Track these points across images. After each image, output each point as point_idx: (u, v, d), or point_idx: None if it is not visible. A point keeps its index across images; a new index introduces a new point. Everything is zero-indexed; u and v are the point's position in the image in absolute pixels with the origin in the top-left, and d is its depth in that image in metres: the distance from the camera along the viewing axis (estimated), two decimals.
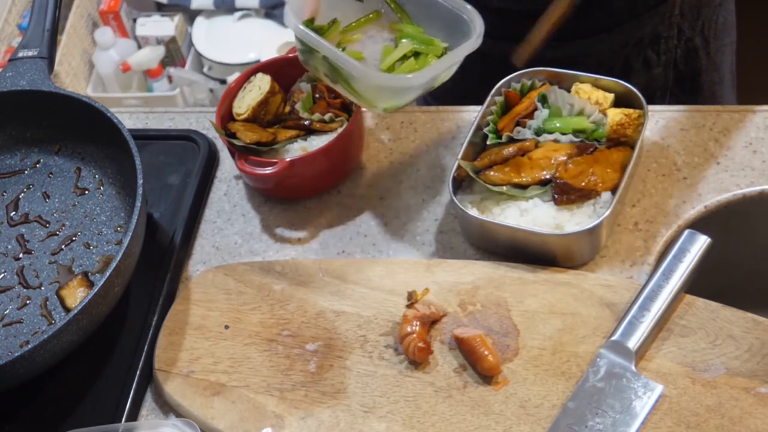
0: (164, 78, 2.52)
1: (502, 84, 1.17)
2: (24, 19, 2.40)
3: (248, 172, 1.15)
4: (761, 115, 1.21)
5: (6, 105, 1.21)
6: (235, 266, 1.15)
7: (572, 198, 1.08)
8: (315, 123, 1.18)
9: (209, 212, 1.24)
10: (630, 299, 1.03)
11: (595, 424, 0.96)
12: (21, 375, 1.02)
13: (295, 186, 1.19)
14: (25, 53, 1.22)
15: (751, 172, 1.16)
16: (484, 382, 1.01)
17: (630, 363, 0.99)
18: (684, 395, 0.97)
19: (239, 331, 1.09)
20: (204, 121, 1.34)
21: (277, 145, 1.17)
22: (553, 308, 1.05)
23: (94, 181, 1.22)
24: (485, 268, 1.10)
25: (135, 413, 1.06)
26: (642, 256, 1.11)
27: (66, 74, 2.33)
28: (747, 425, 0.94)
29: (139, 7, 2.61)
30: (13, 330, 1.11)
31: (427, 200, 1.20)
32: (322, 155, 1.15)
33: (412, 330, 1.03)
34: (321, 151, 1.15)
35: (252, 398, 1.03)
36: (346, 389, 1.03)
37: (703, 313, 1.02)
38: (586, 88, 1.15)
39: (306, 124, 1.18)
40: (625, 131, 1.11)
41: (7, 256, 1.17)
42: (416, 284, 1.09)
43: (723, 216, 1.15)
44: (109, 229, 1.17)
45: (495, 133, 1.15)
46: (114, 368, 1.09)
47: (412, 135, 1.27)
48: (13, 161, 1.25)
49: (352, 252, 1.17)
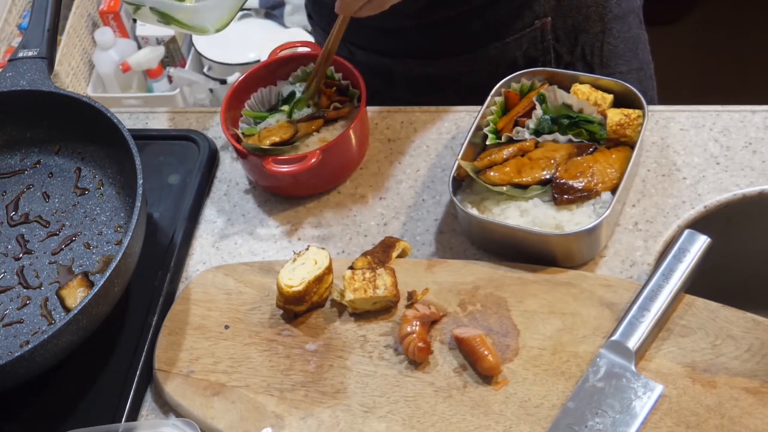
0: (164, 78, 2.52)
1: (502, 84, 1.17)
2: (24, 19, 2.40)
3: (277, 171, 1.15)
4: (761, 115, 1.21)
5: (6, 105, 1.21)
6: (235, 266, 1.15)
7: (572, 198, 1.08)
8: (329, 112, 1.21)
9: (209, 212, 1.24)
10: (630, 299, 1.03)
11: (595, 424, 0.96)
12: (21, 375, 1.02)
13: (315, 179, 1.20)
14: (25, 53, 1.23)
15: (751, 172, 1.16)
16: (484, 382, 1.01)
17: (630, 363, 0.99)
18: (684, 395, 0.97)
19: (239, 331, 1.09)
20: (204, 121, 1.34)
21: (297, 142, 1.19)
22: (553, 308, 1.05)
23: (94, 181, 1.22)
24: (485, 268, 1.10)
25: (135, 413, 1.06)
26: (642, 256, 1.11)
27: (66, 74, 2.33)
28: (747, 425, 0.94)
29: None
30: (14, 330, 1.11)
31: (427, 200, 1.20)
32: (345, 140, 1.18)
33: (412, 330, 1.03)
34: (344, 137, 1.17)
35: (252, 398, 1.03)
36: (346, 389, 1.03)
37: (703, 313, 1.02)
38: (585, 89, 1.15)
39: (321, 115, 1.21)
40: (625, 131, 1.11)
41: (8, 256, 1.17)
42: (416, 284, 1.09)
43: (723, 216, 1.15)
44: (109, 229, 1.17)
45: (495, 133, 1.15)
46: (114, 368, 1.09)
47: (412, 135, 1.27)
48: (13, 161, 1.25)
49: (352, 252, 1.17)
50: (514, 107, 1.17)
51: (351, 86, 1.23)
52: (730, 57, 2.70)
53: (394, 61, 1.37)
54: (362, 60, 1.37)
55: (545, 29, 1.30)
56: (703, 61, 2.66)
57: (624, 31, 1.36)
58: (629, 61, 1.39)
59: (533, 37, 1.31)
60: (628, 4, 1.35)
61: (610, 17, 1.33)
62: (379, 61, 1.37)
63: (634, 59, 1.40)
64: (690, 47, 2.66)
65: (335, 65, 1.23)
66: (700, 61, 2.66)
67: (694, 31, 2.72)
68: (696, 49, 2.69)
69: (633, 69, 1.40)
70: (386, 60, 1.37)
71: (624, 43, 1.37)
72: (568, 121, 1.14)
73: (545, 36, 1.31)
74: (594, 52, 1.35)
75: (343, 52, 1.39)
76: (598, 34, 1.34)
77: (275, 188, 1.24)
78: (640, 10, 1.40)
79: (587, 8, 1.31)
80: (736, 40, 2.74)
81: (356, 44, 1.37)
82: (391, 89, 1.37)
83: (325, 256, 1.08)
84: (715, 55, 2.71)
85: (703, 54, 2.68)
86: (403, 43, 1.34)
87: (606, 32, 1.34)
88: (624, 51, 1.38)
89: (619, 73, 1.37)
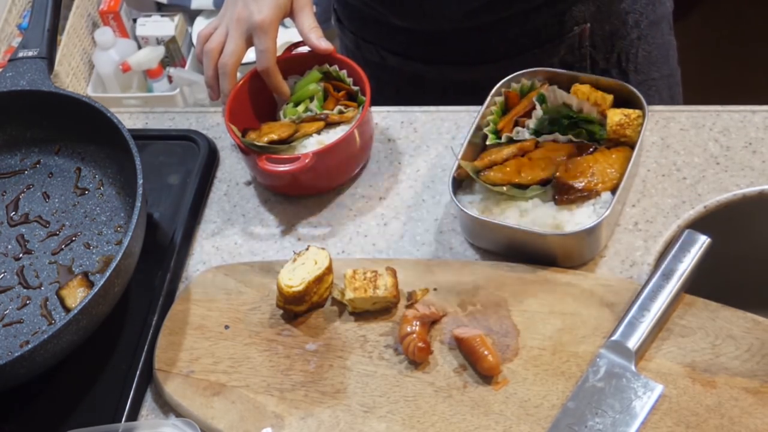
0: (164, 78, 2.52)
1: (502, 84, 1.17)
2: (24, 19, 2.40)
3: (269, 170, 1.15)
4: (761, 115, 1.21)
5: (6, 105, 1.21)
6: (235, 266, 1.15)
7: (572, 198, 1.08)
8: (332, 115, 1.20)
9: (209, 212, 1.24)
10: (630, 299, 1.03)
11: (594, 424, 0.96)
12: (21, 375, 1.02)
13: (314, 179, 1.20)
14: (25, 53, 1.23)
15: (751, 172, 1.16)
16: (484, 382, 1.01)
17: (630, 363, 0.99)
18: (684, 395, 0.97)
19: (239, 331, 1.09)
20: (204, 121, 1.34)
21: (295, 142, 1.18)
22: (553, 308, 1.05)
23: (94, 181, 1.22)
24: (485, 268, 1.10)
25: (135, 413, 1.06)
26: (642, 256, 1.11)
27: (66, 74, 2.33)
28: (747, 425, 0.94)
29: (139, 7, 2.61)
30: (13, 330, 1.11)
31: (427, 200, 1.20)
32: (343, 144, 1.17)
33: (412, 330, 1.03)
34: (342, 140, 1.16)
35: (252, 398, 1.03)
36: (346, 389, 1.03)
37: (703, 313, 1.02)
38: (585, 89, 1.15)
39: (323, 117, 1.20)
40: (625, 131, 1.11)
41: (7, 256, 1.17)
42: (416, 284, 1.09)
43: (723, 216, 1.15)
44: (109, 229, 1.17)
45: (495, 134, 1.15)
46: (114, 368, 1.09)
47: (412, 135, 1.27)
48: (13, 161, 1.25)
49: (352, 252, 1.17)
50: (514, 107, 1.17)
51: (360, 93, 1.22)
52: (730, 57, 2.70)
53: (429, 67, 1.37)
54: (394, 65, 1.36)
55: (584, 35, 1.31)
56: (703, 61, 2.67)
57: (658, 37, 1.37)
58: (661, 67, 1.40)
59: (571, 44, 1.31)
60: (662, 10, 1.37)
61: (646, 23, 1.34)
62: (412, 68, 1.37)
63: (665, 66, 1.41)
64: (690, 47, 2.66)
65: (347, 69, 1.23)
66: (700, 61, 2.66)
67: (694, 31, 2.72)
68: (696, 49, 2.69)
69: (664, 75, 1.41)
70: (420, 66, 1.37)
71: (657, 50, 1.38)
72: (568, 121, 1.14)
73: (583, 42, 1.31)
74: (629, 59, 1.35)
75: (374, 57, 1.40)
76: (634, 40, 1.34)
77: (275, 187, 1.24)
78: (671, 16, 1.40)
79: (625, 14, 1.32)
80: (736, 40, 2.75)
81: (390, 50, 1.37)
82: (420, 95, 1.36)
83: (325, 256, 1.09)
84: (715, 55, 2.71)
85: (703, 54, 2.69)
86: (440, 48, 1.33)
87: (642, 38, 1.35)
88: (657, 57, 1.39)
89: (652, 79, 1.38)
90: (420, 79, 1.38)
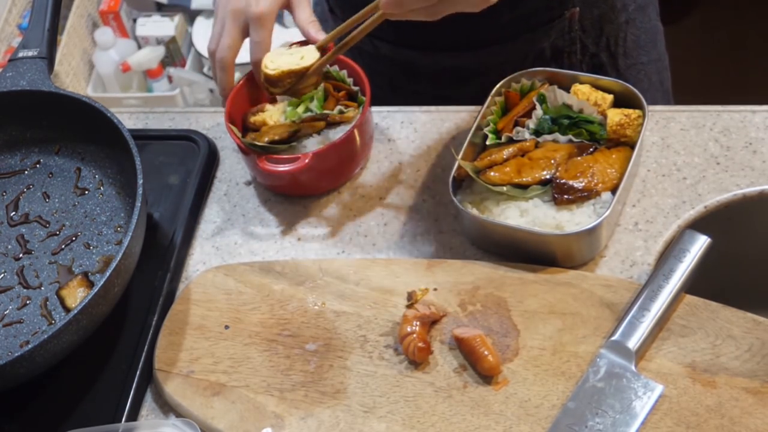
0: (164, 78, 2.52)
1: (503, 84, 1.17)
2: (24, 19, 2.40)
3: (269, 170, 1.15)
4: (761, 115, 1.21)
5: (6, 105, 1.21)
6: (235, 266, 1.15)
7: (572, 198, 1.08)
8: (332, 116, 1.20)
9: (209, 212, 1.24)
10: (630, 299, 1.03)
11: (595, 424, 0.96)
12: (21, 375, 1.02)
13: (314, 179, 1.20)
14: (25, 53, 1.22)
15: (751, 172, 1.16)
16: (484, 382, 1.01)
17: (630, 363, 0.99)
18: (684, 395, 0.97)
19: (239, 331, 1.09)
20: (204, 121, 1.34)
21: (295, 142, 1.18)
22: (553, 308, 1.05)
23: (94, 181, 1.22)
24: (485, 268, 1.10)
25: (135, 413, 1.06)
26: (642, 256, 1.11)
27: (66, 74, 2.33)
28: (747, 425, 0.94)
29: (139, 7, 2.61)
30: (13, 330, 1.11)
31: (427, 200, 1.20)
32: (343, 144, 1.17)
33: (412, 330, 1.03)
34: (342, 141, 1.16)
35: (252, 398, 1.03)
36: (346, 389, 1.03)
37: (703, 313, 1.02)
38: (585, 89, 1.15)
39: (323, 118, 1.20)
40: (625, 131, 1.12)
41: (7, 256, 1.17)
42: (416, 284, 1.09)
43: (723, 216, 1.15)
44: (109, 229, 1.17)
45: (495, 133, 1.15)
46: (114, 368, 1.09)
47: (412, 135, 1.27)
48: (13, 161, 1.25)
49: (352, 252, 1.17)
50: (514, 107, 1.17)
51: (360, 93, 1.22)
52: (730, 57, 2.70)
53: (420, 53, 1.36)
54: (387, 54, 1.36)
55: (573, 19, 1.31)
56: (703, 61, 2.67)
57: (645, 22, 1.39)
58: (649, 51, 1.41)
59: (561, 28, 1.32)
60: None
61: (634, 8, 1.35)
62: (404, 54, 1.36)
63: (654, 50, 1.42)
64: (690, 48, 2.66)
65: (347, 69, 1.23)
66: (700, 62, 2.66)
67: (694, 31, 2.73)
68: (696, 50, 2.69)
69: (653, 60, 1.42)
70: (412, 53, 1.36)
71: (645, 34, 1.39)
72: (568, 121, 1.14)
73: (573, 26, 1.32)
74: (618, 43, 1.36)
75: (367, 47, 1.39)
76: (622, 24, 1.35)
77: (275, 187, 1.24)
78: (656, 1, 1.42)
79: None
80: (736, 40, 2.75)
81: (381, 38, 1.36)
82: (414, 83, 1.36)
83: (314, 57, 1.12)
84: (715, 55, 2.71)
85: (703, 54, 2.69)
86: (432, 34, 1.33)
87: (629, 22, 1.36)
88: (645, 42, 1.40)
89: (641, 63, 1.39)
90: (412, 66, 1.38)
